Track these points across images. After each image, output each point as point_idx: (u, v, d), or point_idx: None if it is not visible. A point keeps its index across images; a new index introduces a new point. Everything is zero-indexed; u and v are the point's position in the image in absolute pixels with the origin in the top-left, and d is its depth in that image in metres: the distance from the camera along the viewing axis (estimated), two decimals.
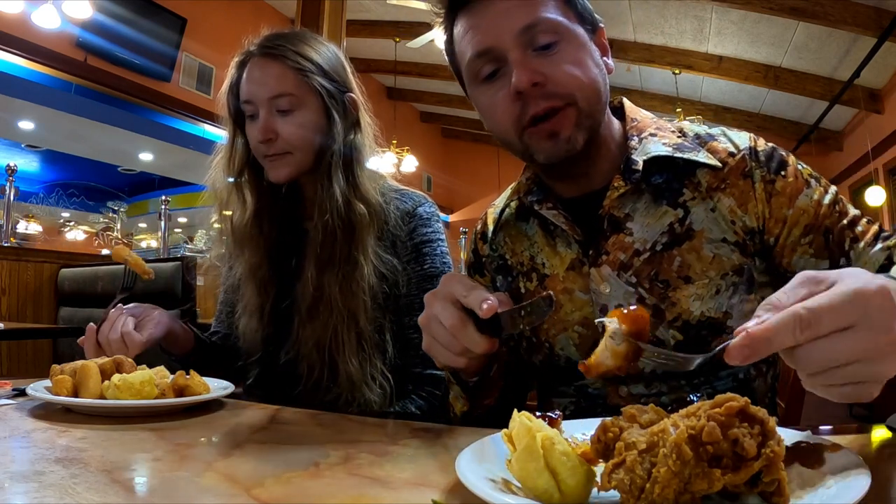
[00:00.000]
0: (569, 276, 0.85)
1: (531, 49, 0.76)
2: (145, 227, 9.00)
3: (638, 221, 0.81)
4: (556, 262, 0.86)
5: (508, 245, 0.94)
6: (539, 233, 0.89)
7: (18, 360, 2.70)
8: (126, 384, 0.77)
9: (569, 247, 0.85)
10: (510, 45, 0.76)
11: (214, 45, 5.30)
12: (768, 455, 0.37)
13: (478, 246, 1.00)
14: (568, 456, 0.42)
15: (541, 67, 0.75)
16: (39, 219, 7.28)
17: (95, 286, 2.24)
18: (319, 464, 0.56)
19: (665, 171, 0.81)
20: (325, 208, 1.04)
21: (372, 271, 1.04)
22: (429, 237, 1.11)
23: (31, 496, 0.47)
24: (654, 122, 0.87)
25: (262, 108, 1.04)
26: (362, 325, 1.03)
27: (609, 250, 0.82)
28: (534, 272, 0.89)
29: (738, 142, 0.83)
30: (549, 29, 0.76)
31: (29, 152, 7.87)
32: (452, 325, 0.65)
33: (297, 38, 1.08)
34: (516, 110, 0.77)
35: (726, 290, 0.79)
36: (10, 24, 4.12)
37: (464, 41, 0.81)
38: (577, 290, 0.84)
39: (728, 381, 0.81)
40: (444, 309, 0.66)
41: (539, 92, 0.75)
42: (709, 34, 5.70)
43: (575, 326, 0.85)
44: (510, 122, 0.78)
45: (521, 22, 0.75)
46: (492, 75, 0.79)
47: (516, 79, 0.74)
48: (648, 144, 0.82)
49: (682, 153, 0.81)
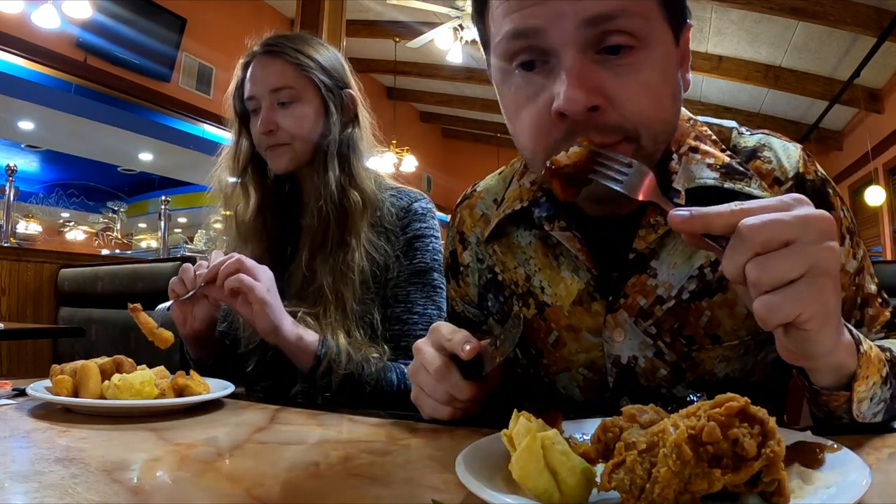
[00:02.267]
0: (575, 311, 0.71)
1: (594, 51, 0.56)
2: (145, 227, 9.01)
3: (664, 261, 0.67)
4: (561, 292, 0.71)
5: (498, 256, 0.78)
6: (536, 246, 0.74)
7: (18, 360, 2.70)
8: (126, 384, 0.77)
9: (576, 273, 0.70)
10: (566, 38, 0.55)
11: (214, 45, 5.30)
12: (768, 455, 0.37)
13: (456, 249, 0.84)
14: (568, 456, 0.42)
15: (604, 84, 0.56)
16: (39, 219, 7.28)
17: (95, 286, 2.24)
18: (319, 464, 0.56)
19: (705, 199, 0.62)
20: (320, 195, 1.08)
21: (363, 255, 1.06)
22: (422, 232, 1.13)
23: (31, 496, 0.47)
24: (692, 125, 0.71)
25: (263, 101, 1.09)
26: (349, 306, 1.05)
27: (628, 293, 0.68)
28: (530, 296, 0.74)
29: (787, 164, 0.68)
30: (628, 28, 0.56)
31: (29, 152, 7.87)
32: (436, 371, 0.62)
33: (298, 38, 1.14)
34: (555, 132, 0.58)
35: (754, 350, 0.69)
36: (10, 24, 4.12)
37: (499, 9, 0.59)
38: (584, 331, 0.71)
39: None
40: (430, 356, 0.63)
41: (593, 121, 0.56)
42: (709, 34, 5.70)
43: (580, 369, 0.73)
44: (542, 143, 0.60)
45: (592, 8, 0.54)
46: (528, 65, 0.59)
47: (566, 97, 0.54)
48: (692, 166, 0.66)
49: (732, 181, 0.65)
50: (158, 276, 1.96)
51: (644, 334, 0.68)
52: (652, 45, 0.57)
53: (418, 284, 1.10)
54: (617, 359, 0.70)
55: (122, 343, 2.04)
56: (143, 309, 0.97)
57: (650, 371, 0.69)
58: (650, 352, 0.68)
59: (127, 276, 2.10)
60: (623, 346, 0.69)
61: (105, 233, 7.88)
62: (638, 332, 0.68)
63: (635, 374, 0.70)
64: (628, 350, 0.69)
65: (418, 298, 1.09)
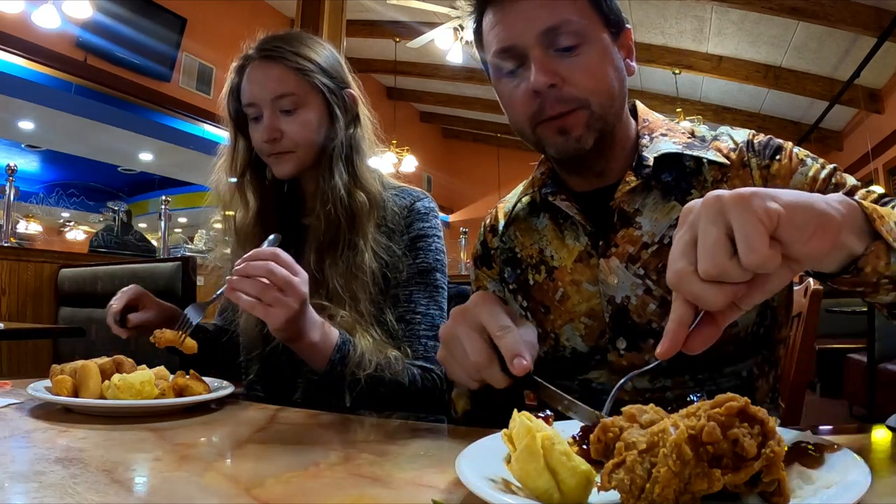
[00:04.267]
0: (577, 267, 0.87)
1: (552, 50, 0.78)
2: (145, 227, 9.00)
3: (647, 216, 0.83)
4: (565, 254, 0.88)
5: (518, 239, 0.96)
6: (549, 226, 0.92)
7: (18, 360, 2.70)
8: (126, 384, 0.77)
9: (577, 239, 0.88)
10: (532, 44, 0.78)
11: (214, 45, 5.30)
12: (768, 455, 0.37)
13: (487, 238, 1.02)
14: (568, 456, 0.42)
15: (559, 69, 0.78)
16: (39, 219, 7.28)
17: (95, 286, 2.24)
18: (319, 464, 0.56)
19: (675, 170, 0.84)
20: (328, 199, 1.07)
21: (372, 257, 1.06)
22: (425, 231, 1.12)
23: (31, 496, 0.47)
24: (666, 123, 0.90)
25: (265, 109, 1.07)
26: (363, 307, 1.04)
27: (618, 243, 0.84)
28: (542, 264, 0.91)
29: (738, 138, 0.87)
30: (571, 31, 0.78)
31: (29, 152, 7.88)
32: (478, 363, 0.63)
33: (294, 40, 1.11)
34: (533, 107, 0.80)
35: None
36: (10, 24, 4.12)
37: (490, 34, 0.83)
38: (584, 282, 0.86)
39: (731, 379, 0.82)
40: (472, 339, 0.64)
41: (554, 94, 0.78)
42: (709, 34, 5.70)
43: (581, 318, 0.86)
44: (526, 116, 0.82)
45: (545, 23, 0.78)
46: (513, 71, 0.82)
47: (534, 78, 0.77)
48: (659, 143, 0.85)
49: (691, 151, 0.84)
50: (158, 276, 1.95)
51: (634, 276, 0.82)
52: (591, 42, 0.80)
53: (421, 284, 1.10)
54: (612, 299, 0.83)
55: (122, 343, 2.03)
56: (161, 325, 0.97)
57: (641, 307, 0.82)
58: (640, 290, 0.82)
59: (127, 276, 2.09)
60: (617, 289, 0.83)
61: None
62: (629, 275, 0.82)
63: (628, 312, 0.82)
64: (622, 291, 0.83)
65: (421, 298, 1.09)
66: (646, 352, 0.82)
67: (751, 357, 0.83)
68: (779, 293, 0.85)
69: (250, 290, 0.82)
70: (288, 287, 0.83)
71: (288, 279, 0.83)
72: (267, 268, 0.82)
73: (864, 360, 3.19)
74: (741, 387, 0.83)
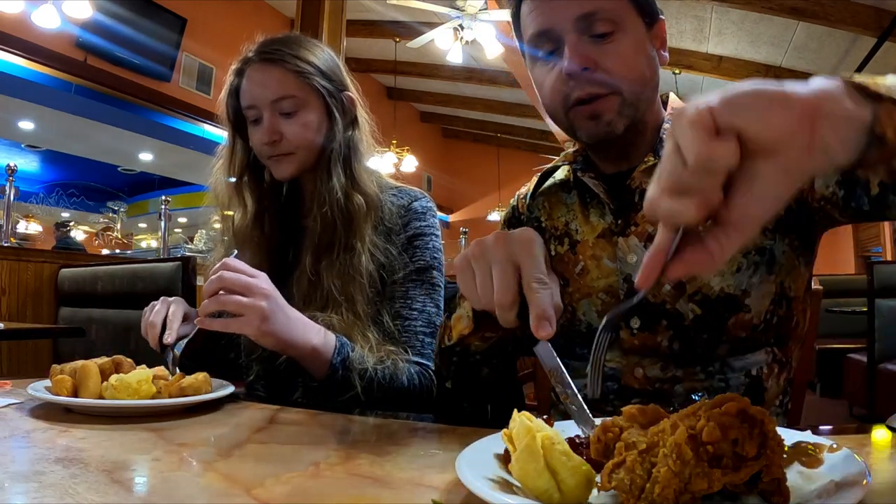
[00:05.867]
0: (598, 243, 0.89)
1: (587, 35, 0.80)
2: (145, 227, 9.02)
3: None
4: (588, 230, 0.91)
5: (546, 209, 0.99)
6: (577, 202, 0.94)
7: (18, 360, 2.70)
8: (123, 384, 0.77)
9: (602, 217, 0.90)
10: (567, 28, 0.80)
11: (214, 45, 5.30)
12: (768, 455, 0.37)
13: (519, 203, 1.06)
14: (568, 456, 0.42)
15: (593, 54, 0.80)
16: (39, 219, 7.27)
17: (95, 286, 2.24)
18: (319, 464, 0.56)
19: None
20: (325, 201, 1.07)
21: (369, 258, 1.06)
22: (422, 230, 1.12)
23: (31, 496, 0.47)
24: None
25: (265, 111, 1.07)
26: (360, 309, 1.04)
27: (638, 222, 0.86)
28: (566, 237, 0.94)
29: None
30: (606, 18, 0.80)
31: (29, 152, 7.87)
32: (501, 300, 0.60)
33: (293, 42, 1.12)
34: (565, 90, 0.82)
35: (747, 269, 0.81)
36: (10, 24, 4.12)
37: (528, 19, 0.85)
38: (604, 258, 0.88)
39: (740, 376, 0.82)
40: (504, 273, 0.61)
41: (587, 77, 0.80)
42: (709, 34, 5.70)
43: (599, 293, 0.88)
44: (559, 99, 0.83)
45: (581, 9, 0.79)
46: (549, 55, 0.84)
47: (567, 61, 0.79)
48: None
49: None
50: (158, 276, 1.95)
51: None
52: (626, 30, 0.81)
53: (417, 282, 1.10)
54: (629, 277, 0.85)
55: (122, 343, 2.03)
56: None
57: (656, 287, 0.80)
58: None
59: (127, 276, 2.09)
60: (635, 267, 0.84)
61: (105, 233, 7.88)
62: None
63: None
64: (639, 269, 0.75)
65: (418, 296, 1.09)
66: (658, 333, 0.83)
67: (762, 348, 0.83)
68: (798, 285, 0.84)
69: (212, 307, 0.82)
70: (247, 290, 0.83)
71: (243, 281, 0.83)
72: (220, 278, 0.82)
73: (864, 360, 3.19)
74: (751, 385, 0.83)
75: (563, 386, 0.58)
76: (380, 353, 1.00)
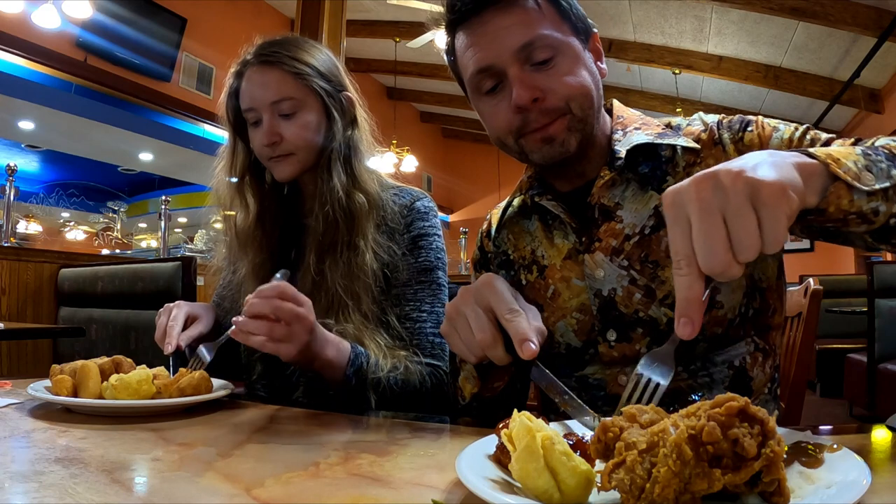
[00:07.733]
0: (566, 264, 0.90)
1: (529, 65, 0.81)
2: (145, 227, 9.01)
3: (627, 209, 0.86)
4: (554, 253, 0.91)
5: (511, 241, 0.99)
6: (539, 227, 0.95)
7: (18, 360, 2.69)
8: (123, 384, 0.77)
9: (566, 238, 0.90)
10: (509, 62, 0.80)
11: (214, 45, 5.30)
12: (768, 455, 0.37)
13: (483, 244, 1.06)
14: (568, 456, 0.42)
15: (539, 83, 0.80)
16: (39, 219, 7.28)
17: (95, 286, 2.24)
18: (319, 464, 0.56)
19: (651, 161, 0.86)
20: (326, 200, 1.08)
21: (373, 257, 1.06)
22: (426, 231, 1.13)
23: (31, 496, 0.47)
24: (641, 118, 0.92)
25: (265, 113, 1.08)
26: (366, 308, 1.04)
27: (602, 237, 0.86)
28: (534, 264, 0.94)
29: (709, 119, 0.89)
30: (545, 45, 0.80)
31: (29, 152, 7.87)
32: (483, 341, 0.66)
33: (292, 44, 1.12)
34: (517, 122, 0.82)
35: None
36: (10, 24, 4.12)
37: (465, 56, 0.85)
38: (573, 278, 0.89)
39: (724, 369, 0.83)
40: (478, 318, 0.67)
41: (538, 107, 0.80)
42: (709, 34, 5.70)
43: (573, 313, 0.89)
44: (509, 131, 0.84)
45: (519, 40, 0.80)
46: (493, 88, 0.84)
47: (516, 95, 0.79)
48: (632, 136, 0.87)
49: (663, 140, 0.86)
50: (158, 276, 1.95)
51: (619, 268, 0.85)
52: (565, 52, 0.82)
53: (424, 283, 1.10)
54: (599, 292, 0.86)
55: (122, 343, 2.04)
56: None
57: (627, 297, 0.84)
58: (625, 281, 0.84)
59: (127, 276, 2.09)
60: (604, 282, 0.85)
61: (105, 233, 7.88)
62: (614, 267, 0.85)
63: (615, 304, 0.85)
64: (608, 284, 0.85)
65: (426, 297, 1.09)
66: (636, 342, 0.84)
67: (741, 341, 0.84)
68: (769, 275, 0.86)
69: (259, 331, 0.82)
70: (295, 320, 0.83)
71: (295, 312, 0.83)
72: (272, 305, 0.82)
73: (864, 360, 3.20)
74: (736, 376, 0.83)
75: (561, 395, 0.62)
76: (393, 358, 1.00)
